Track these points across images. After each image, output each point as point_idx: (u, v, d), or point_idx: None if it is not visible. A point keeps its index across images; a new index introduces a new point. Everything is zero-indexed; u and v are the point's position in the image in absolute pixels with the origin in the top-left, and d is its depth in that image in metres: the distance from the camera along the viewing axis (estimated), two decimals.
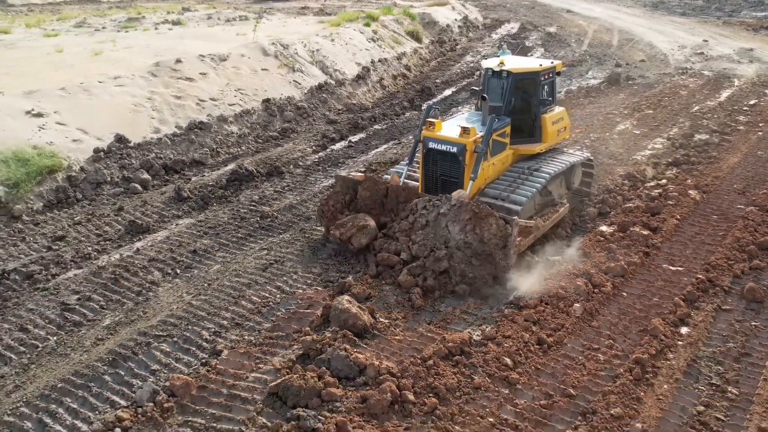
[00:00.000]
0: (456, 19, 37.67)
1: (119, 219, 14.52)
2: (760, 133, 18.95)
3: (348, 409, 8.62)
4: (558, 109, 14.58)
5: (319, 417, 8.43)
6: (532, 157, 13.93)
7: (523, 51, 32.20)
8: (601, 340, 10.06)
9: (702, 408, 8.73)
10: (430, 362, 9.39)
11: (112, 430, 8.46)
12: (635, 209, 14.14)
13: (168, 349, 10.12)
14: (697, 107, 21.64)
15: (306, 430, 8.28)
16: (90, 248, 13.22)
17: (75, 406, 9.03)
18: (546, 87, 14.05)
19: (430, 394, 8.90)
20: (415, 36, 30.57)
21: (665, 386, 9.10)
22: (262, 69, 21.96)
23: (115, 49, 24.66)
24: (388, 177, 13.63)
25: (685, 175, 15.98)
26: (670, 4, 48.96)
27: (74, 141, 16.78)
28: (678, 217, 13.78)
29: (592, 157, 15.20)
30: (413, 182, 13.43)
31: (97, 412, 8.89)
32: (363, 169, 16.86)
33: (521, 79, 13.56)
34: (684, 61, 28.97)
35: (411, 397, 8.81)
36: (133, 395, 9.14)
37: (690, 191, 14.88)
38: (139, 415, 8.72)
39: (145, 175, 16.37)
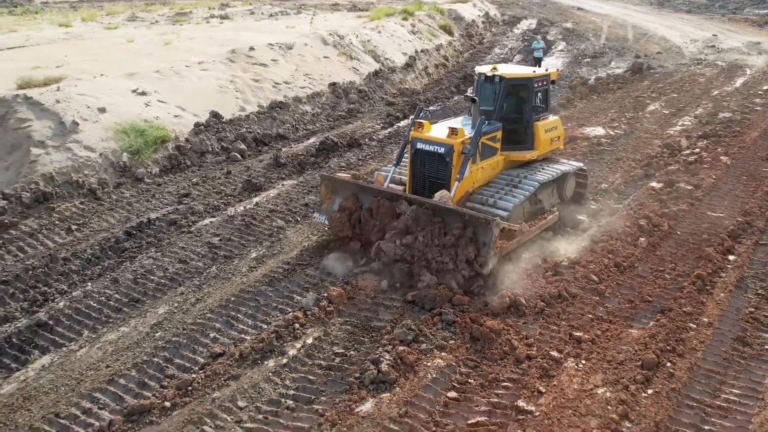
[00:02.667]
0: (479, 15, 40.03)
1: (230, 180, 16.77)
2: None
3: (475, 310, 10.92)
4: (552, 118, 14.60)
5: (456, 313, 10.75)
6: (523, 164, 13.91)
7: (546, 44, 34.54)
8: (665, 264, 12.42)
9: (752, 309, 11.06)
10: (534, 277, 11.72)
11: (292, 324, 10.73)
12: (676, 171, 16.49)
13: (313, 273, 12.40)
14: (716, 92, 24.05)
15: (447, 322, 10.59)
16: (215, 202, 15.48)
17: (251, 312, 11.29)
18: (539, 94, 13.98)
19: (538, 300, 11.22)
20: (447, 30, 32.91)
21: (722, 294, 11.44)
22: (324, 57, 24.25)
23: (180, 40, 26.89)
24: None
25: (715, 145, 18.35)
26: (675, 1, 51.43)
27: (175, 116, 19.00)
28: (714, 177, 16.15)
29: (585, 168, 15.13)
30: (397, 186, 13.49)
31: (270, 316, 11.16)
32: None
33: (513, 85, 13.55)
34: (698, 53, 31.42)
35: (523, 301, 11.13)
36: (297, 304, 11.41)
37: (721, 157, 17.27)
38: (309, 316, 10.98)
39: (242, 146, 18.63)
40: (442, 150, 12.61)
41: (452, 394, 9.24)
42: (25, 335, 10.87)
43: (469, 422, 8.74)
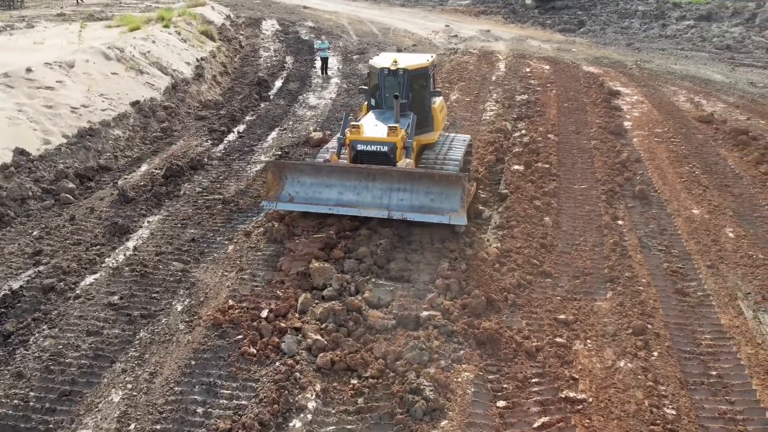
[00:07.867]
0: (224, 18, 38.70)
1: (82, 227, 14.16)
2: (554, 90, 24.29)
3: (459, 313, 10.84)
4: (439, 99, 15.85)
5: (451, 322, 10.58)
6: (430, 145, 14.99)
7: (305, 43, 34.77)
8: (577, 238, 13.59)
9: (667, 264, 12.64)
10: (488, 272, 12.02)
11: (290, 375, 9.61)
12: (521, 153, 17.95)
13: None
14: (493, 77, 26.52)
15: (447, 333, 10.37)
16: (84, 255, 12.97)
17: (225, 372, 9.83)
18: (431, 80, 15.29)
19: (505, 293, 11.54)
20: (209, 35, 31.28)
21: (638, 256, 12.88)
22: (112, 73, 21.51)
23: None
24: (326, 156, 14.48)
25: (534, 125, 20.32)
26: None
27: None
28: (554, 154, 17.93)
29: (471, 140, 16.24)
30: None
31: (254, 371, 9.85)
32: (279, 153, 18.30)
33: (415, 75, 14.64)
34: (447, 43, 34.25)
35: (494, 297, 11.35)
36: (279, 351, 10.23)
37: (549, 135, 19.22)
38: (300, 361, 9.93)
39: (70, 184, 15.84)
40: (385, 148, 13.48)
41: (501, 403, 9.17)
42: None
43: (534, 426, 8.77)
